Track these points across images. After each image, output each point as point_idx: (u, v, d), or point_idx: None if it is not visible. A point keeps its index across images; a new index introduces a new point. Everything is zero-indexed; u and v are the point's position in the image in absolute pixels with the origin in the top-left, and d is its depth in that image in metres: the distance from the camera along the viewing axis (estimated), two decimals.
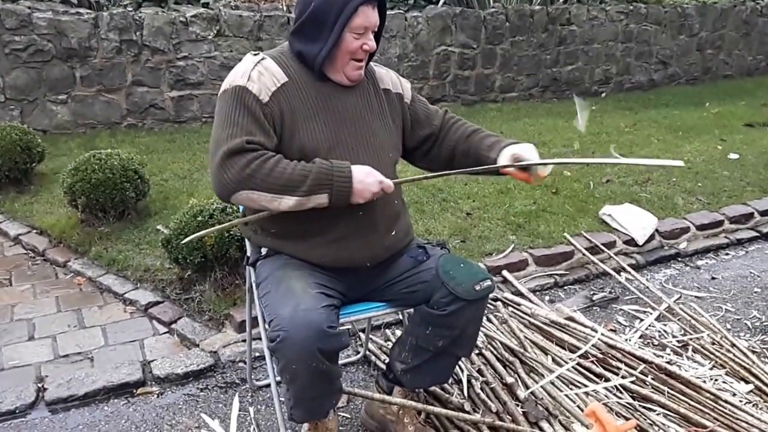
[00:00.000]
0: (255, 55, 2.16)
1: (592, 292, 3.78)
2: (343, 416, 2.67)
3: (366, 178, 2.05)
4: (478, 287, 2.18)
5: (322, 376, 1.99)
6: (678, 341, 3.22)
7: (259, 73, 2.08)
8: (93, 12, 6.09)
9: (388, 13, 2.27)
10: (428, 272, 2.25)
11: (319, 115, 2.13)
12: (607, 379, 2.82)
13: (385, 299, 2.34)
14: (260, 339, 2.44)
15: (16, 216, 4.47)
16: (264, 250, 2.27)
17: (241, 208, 2.45)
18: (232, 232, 3.25)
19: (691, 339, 3.21)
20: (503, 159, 2.20)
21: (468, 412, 2.54)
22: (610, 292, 3.78)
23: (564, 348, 3.07)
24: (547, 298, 3.68)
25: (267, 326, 2.02)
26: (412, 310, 2.38)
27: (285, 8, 6.96)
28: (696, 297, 3.76)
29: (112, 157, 4.06)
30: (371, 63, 2.31)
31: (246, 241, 2.47)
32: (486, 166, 2.23)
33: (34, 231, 4.27)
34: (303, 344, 1.89)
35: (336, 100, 2.18)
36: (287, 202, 2.02)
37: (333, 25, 2.06)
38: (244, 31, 6.60)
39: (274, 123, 2.08)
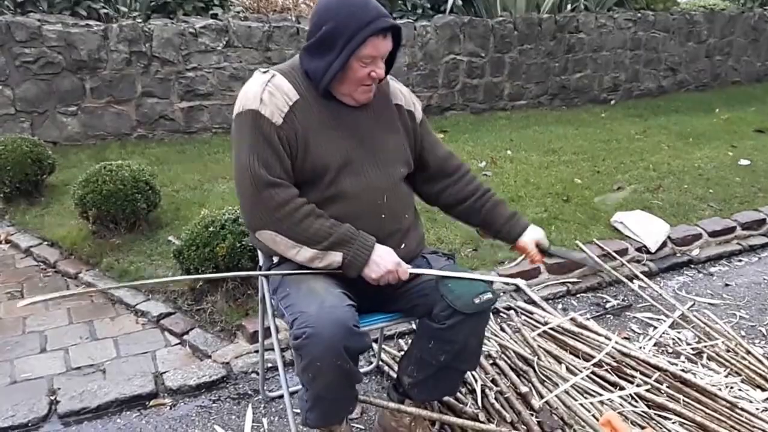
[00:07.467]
0: (264, 72, 2.13)
1: (605, 300, 3.76)
2: (357, 427, 2.65)
3: (386, 255, 2.11)
4: (477, 300, 2.13)
5: (345, 376, 1.98)
6: (692, 349, 3.20)
7: (270, 94, 2.06)
8: (102, 24, 6.13)
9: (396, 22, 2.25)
10: (428, 285, 2.21)
11: (329, 132, 2.13)
12: (622, 388, 2.80)
13: (393, 310, 2.33)
14: (273, 349, 2.43)
15: (28, 228, 4.48)
16: (276, 259, 2.25)
17: None
18: (243, 242, 3.25)
19: (705, 346, 3.18)
20: (528, 240, 2.42)
21: (482, 422, 2.52)
22: (623, 300, 3.76)
23: (578, 356, 3.05)
24: (559, 306, 3.66)
25: (290, 326, 2.00)
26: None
27: (294, 19, 6.99)
28: (709, 304, 3.74)
29: (123, 168, 4.07)
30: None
31: (258, 251, 2.46)
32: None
33: (46, 243, 4.28)
34: (330, 340, 1.88)
35: (346, 116, 2.17)
36: (304, 254, 2.06)
37: (340, 52, 2.03)
38: (253, 41, 6.62)
39: (289, 145, 2.07)
